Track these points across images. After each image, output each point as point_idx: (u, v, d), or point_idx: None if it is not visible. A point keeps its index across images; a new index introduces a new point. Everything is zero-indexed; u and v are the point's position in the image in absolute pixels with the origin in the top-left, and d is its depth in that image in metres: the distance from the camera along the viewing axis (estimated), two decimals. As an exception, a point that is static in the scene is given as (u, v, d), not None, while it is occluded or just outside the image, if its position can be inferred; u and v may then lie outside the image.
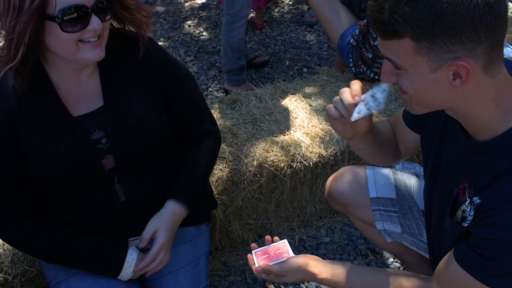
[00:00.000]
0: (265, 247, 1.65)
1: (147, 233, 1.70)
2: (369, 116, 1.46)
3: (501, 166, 1.20)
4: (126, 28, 1.62)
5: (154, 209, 1.75)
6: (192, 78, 1.82)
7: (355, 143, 1.60)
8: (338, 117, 1.44)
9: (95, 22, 1.41)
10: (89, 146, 1.59)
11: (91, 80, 1.60)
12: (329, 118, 1.50)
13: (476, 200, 1.25)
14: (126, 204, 1.70)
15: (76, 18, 1.38)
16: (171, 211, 1.73)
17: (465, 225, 1.30)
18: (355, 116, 1.38)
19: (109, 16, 1.48)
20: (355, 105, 1.38)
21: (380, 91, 1.37)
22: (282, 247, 1.64)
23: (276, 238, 1.66)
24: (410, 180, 1.91)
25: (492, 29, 1.09)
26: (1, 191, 1.57)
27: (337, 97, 1.43)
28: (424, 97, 1.21)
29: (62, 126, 1.56)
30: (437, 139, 1.48)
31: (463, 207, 1.30)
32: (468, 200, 1.28)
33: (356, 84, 1.41)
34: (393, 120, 1.77)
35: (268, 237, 1.67)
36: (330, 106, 1.46)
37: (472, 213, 1.27)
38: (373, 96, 1.37)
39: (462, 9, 1.06)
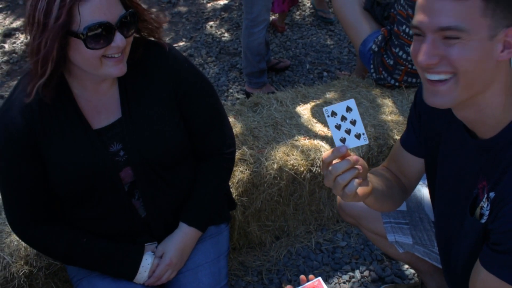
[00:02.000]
0: (301, 287, 1.62)
1: (158, 253, 1.78)
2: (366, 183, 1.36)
3: (508, 158, 1.24)
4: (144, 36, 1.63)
5: (173, 221, 1.81)
6: (209, 87, 1.80)
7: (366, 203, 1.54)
8: (354, 178, 1.29)
9: (119, 39, 1.43)
10: (107, 158, 1.62)
11: (110, 91, 1.62)
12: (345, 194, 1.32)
13: (492, 195, 1.28)
14: (147, 219, 1.75)
15: (100, 35, 1.40)
16: (183, 233, 1.80)
17: (483, 221, 1.31)
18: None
19: (132, 31, 1.50)
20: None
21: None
22: (317, 286, 1.62)
23: (311, 276, 1.62)
24: (420, 192, 1.92)
25: None
26: (22, 197, 1.62)
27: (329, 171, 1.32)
28: (475, 71, 1.18)
29: (81, 138, 1.58)
30: (441, 150, 1.49)
31: (481, 203, 1.32)
32: (485, 196, 1.30)
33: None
34: (392, 158, 1.74)
35: (303, 276, 1.63)
36: (333, 180, 1.31)
37: (488, 208, 1.29)
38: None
39: None
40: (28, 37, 1.42)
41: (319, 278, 1.60)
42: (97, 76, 1.53)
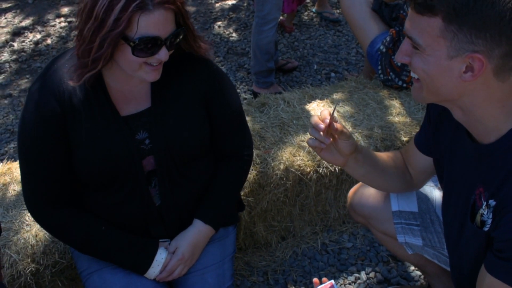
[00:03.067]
0: None
1: (171, 248, 1.80)
2: (347, 135, 1.51)
3: (509, 165, 1.23)
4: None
5: (187, 216, 1.83)
6: (235, 91, 1.87)
7: (352, 169, 1.65)
8: (318, 144, 1.47)
9: (163, 53, 1.50)
10: (132, 145, 1.65)
11: (141, 84, 1.67)
12: (315, 151, 1.55)
13: (492, 202, 1.27)
14: (160, 208, 1.76)
15: (149, 46, 1.46)
16: (197, 230, 1.82)
17: (486, 229, 1.31)
18: None
19: (175, 44, 1.55)
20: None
21: None
22: None
23: (324, 279, 1.62)
24: (432, 194, 1.92)
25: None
26: (47, 178, 1.65)
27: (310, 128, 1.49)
28: (433, 82, 1.23)
29: (109, 124, 1.62)
30: (448, 152, 1.50)
31: (481, 211, 1.32)
32: (485, 203, 1.30)
33: (324, 111, 1.48)
34: (405, 149, 1.80)
35: (316, 279, 1.63)
36: (308, 138, 1.50)
37: (490, 216, 1.28)
38: None
39: (498, 6, 1.09)
40: (78, 22, 1.47)
41: (332, 281, 1.59)
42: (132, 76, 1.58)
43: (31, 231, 2.13)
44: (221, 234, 1.94)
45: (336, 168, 2.48)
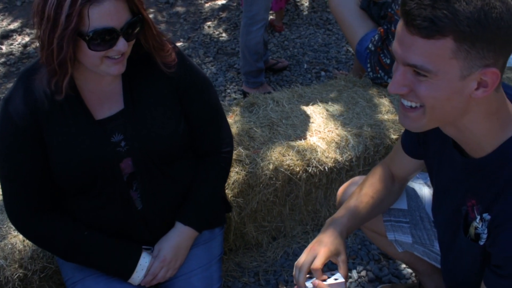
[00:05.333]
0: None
1: (154, 252, 1.79)
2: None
3: (503, 179, 1.21)
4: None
5: (171, 218, 1.81)
6: (211, 87, 1.84)
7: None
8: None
9: (121, 44, 1.46)
10: (108, 148, 1.63)
11: (113, 83, 1.65)
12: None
13: (486, 216, 1.26)
14: (143, 212, 1.75)
15: (105, 39, 1.43)
16: (178, 232, 1.81)
17: (481, 243, 1.30)
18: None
19: (135, 36, 1.52)
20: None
21: None
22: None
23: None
24: (421, 191, 1.91)
25: (511, 45, 1.12)
26: (25, 186, 1.63)
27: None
28: (441, 108, 1.16)
29: (84, 128, 1.60)
30: (437, 162, 1.49)
31: (475, 224, 1.31)
32: (479, 217, 1.29)
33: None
34: (391, 157, 1.78)
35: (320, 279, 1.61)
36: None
37: (486, 231, 1.27)
38: None
39: (505, 16, 1.07)
40: (36, 28, 1.45)
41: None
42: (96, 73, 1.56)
43: (18, 236, 2.11)
44: (207, 236, 1.93)
45: (326, 167, 2.47)
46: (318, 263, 1.48)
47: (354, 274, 2.48)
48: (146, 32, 1.57)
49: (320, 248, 1.52)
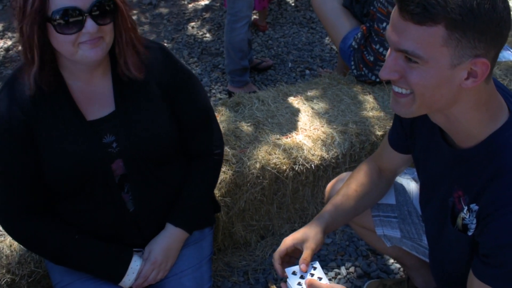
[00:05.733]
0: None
1: (145, 255, 1.79)
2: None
3: (491, 170, 1.23)
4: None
5: (163, 220, 1.81)
6: (200, 86, 1.83)
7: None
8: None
9: (89, 25, 1.43)
10: (99, 149, 1.62)
11: (103, 81, 1.63)
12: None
13: (474, 207, 1.28)
14: (134, 215, 1.74)
15: (71, 21, 1.40)
16: (168, 234, 1.81)
17: (470, 234, 1.32)
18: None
19: (108, 21, 1.48)
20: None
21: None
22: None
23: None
24: (409, 186, 1.93)
25: (504, 37, 1.13)
26: (16, 188, 1.62)
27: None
28: (431, 95, 1.18)
29: (74, 128, 1.59)
30: (423, 155, 1.50)
31: (462, 214, 1.32)
32: (466, 207, 1.30)
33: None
34: (378, 153, 1.80)
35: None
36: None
37: (474, 221, 1.29)
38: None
39: (498, 8, 1.08)
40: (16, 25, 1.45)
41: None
42: (79, 63, 1.53)
43: (5, 241, 2.10)
44: (196, 237, 1.93)
45: (312, 165, 2.48)
46: (278, 250, 1.57)
47: (343, 270, 2.49)
48: (119, 21, 1.53)
49: (288, 238, 1.59)
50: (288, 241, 1.57)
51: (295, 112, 2.79)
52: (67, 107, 1.58)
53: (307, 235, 1.58)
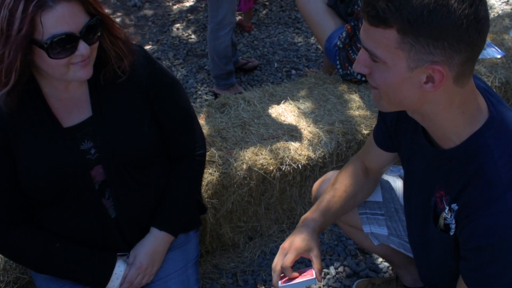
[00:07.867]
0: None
1: (130, 260, 1.77)
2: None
3: (470, 171, 1.23)
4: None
5: (146, 225, 1.79)
6: (181, 89, 1.81)
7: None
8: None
9: (82, 47, 1.41)
10: (78, 156, 1.60)
11: (80, 88, 1.61)
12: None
13: (455, 207, 1.28)
14: (117, 220, 1.72)
15: (64, 45, 1.38)
16: (153, 238, 1.79)
17: (452, 233, 1.32)
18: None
19: (97, 38, 1.47)
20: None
21: None
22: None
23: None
24: (395, 183, 1.93)
25: (473, 42, 1.11)
26: None
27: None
28: (394, 94, 1.20)
29: (51, 136, 1.57)
30: (408, 152, 1.50)
31: (444, 214, 1.32)
32: (447, 207, 1.31)
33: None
34: (363, 151, 1.81)
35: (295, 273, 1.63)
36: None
37: (454, 221, 1.29)
38: None
39: (454, 15, 1.06)
40: None
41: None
42: (65, 80, 1.51)
43: (-11, 248, 2.07)
44: (182, 240, 1.91)
45: (299, 165, 2.48)
46: (286, 262, 1.52)
47: (332, 270, 2.49)
48: (110, 33, 1.51)
49: (290, 247, 1.55)
50: (292, 253, 1.53)
51: (282, 112, 2.79)
52: (43, 115, 1.55)
53: (309, 243, 1.56)
